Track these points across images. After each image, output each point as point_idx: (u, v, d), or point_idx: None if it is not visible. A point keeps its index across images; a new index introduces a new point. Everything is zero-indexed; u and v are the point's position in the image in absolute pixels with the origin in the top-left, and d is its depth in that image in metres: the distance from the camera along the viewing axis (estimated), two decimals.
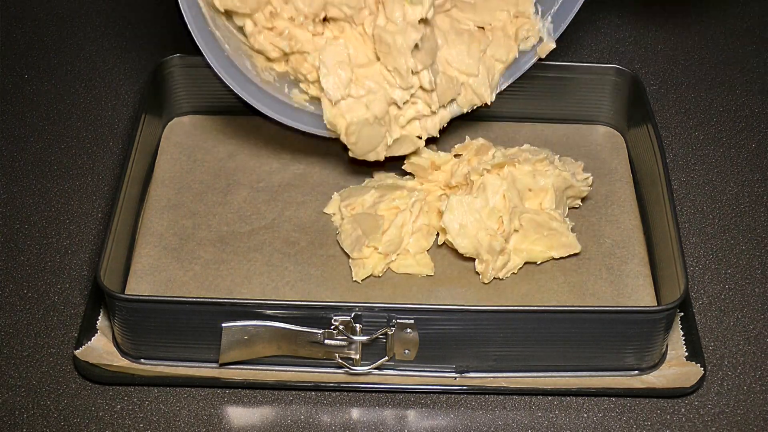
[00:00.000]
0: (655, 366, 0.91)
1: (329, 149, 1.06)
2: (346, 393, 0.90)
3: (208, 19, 0.92)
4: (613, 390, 0.89)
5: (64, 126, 1.15)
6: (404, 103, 0.95)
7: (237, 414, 0.89)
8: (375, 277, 0.95)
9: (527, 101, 1.08)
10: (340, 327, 0.85)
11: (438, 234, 0.98)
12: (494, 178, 0.95)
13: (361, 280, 0.95)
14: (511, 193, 0.95)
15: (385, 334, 0.86)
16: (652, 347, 0.89)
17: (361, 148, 0.95)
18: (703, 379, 0.89)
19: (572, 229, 0.98)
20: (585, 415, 0.89)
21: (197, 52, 0.95)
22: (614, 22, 1.31)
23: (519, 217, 0.95)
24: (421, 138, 0.98)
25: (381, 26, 0.91)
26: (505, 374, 0.90)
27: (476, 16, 0.98)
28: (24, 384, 0.90)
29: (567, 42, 1.27)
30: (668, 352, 0.92)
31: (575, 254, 0.97)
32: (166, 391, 0.90)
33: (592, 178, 1.01)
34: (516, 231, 0.95)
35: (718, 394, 0.91)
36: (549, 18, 1.00)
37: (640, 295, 0.95)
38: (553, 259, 0.97)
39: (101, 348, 0.91)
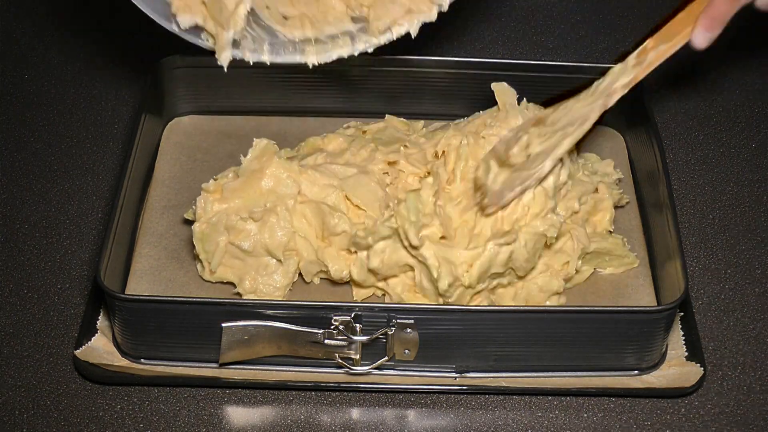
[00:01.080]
0: (655, 366, 0.91)
1: None
2: (346, 393, 0.90)
3: None
4: (613, 390, 0.89)
5: (64, 126, 1.15)
6: None
7: (237, 414, 0.89)
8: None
9: (527, 101, 1.08)
10: (340, 327, 0.85)
11: None
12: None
13: (361, 300, 0.95)
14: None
15: (385, 334, 0.86)
16: (652, 347, 0.89)
17: None
18: (703, 379, 0.89)
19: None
20: (585, 415, 0.89)
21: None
22: (614, 22, 1.31)
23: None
24: None
25: None
26: (505, 374, 0.90)
27: None
28: (24, 384, 0.90)
29: (567, 42, 1.28)
30: (668, 352, 0.92)
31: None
32: (166, 391, 0.90)
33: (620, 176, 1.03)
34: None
35: (718, 394, 0.91)
36: None
37: (640, 295, 0.95)
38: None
39: (101, 348, 0.91)
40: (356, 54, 0.95)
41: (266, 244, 0.92)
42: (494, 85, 0.99)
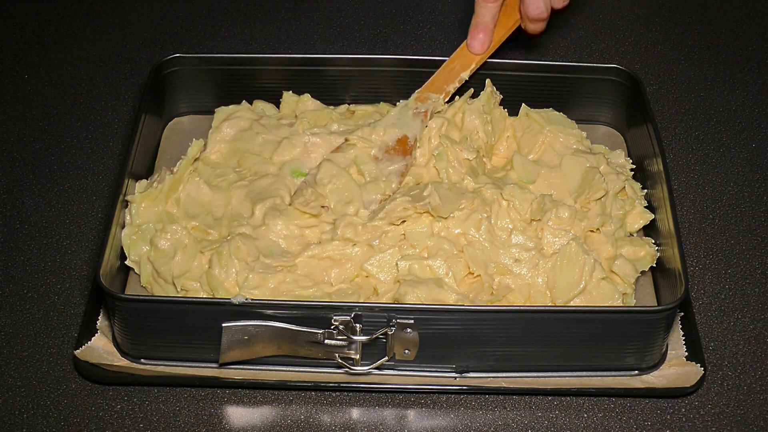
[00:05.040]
0: (655, 366, 0.91)
1: None
2: (346, 393, 0.90)
3: None
4: (613, 390, 0.89)
5: (64, 126, 1.15)
6: None
7: (237, 414, 0.89)
8: None
9: (528, 102, 1.08)
10: (340, 327, 0.85)
11: None
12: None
13: None
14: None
15: (385, 334, 0.86)
16: (652, 347, 0.89)
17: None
18: (703, 379, 0.89)
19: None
20: (585, 415, 0.89)
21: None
22: (614, 22, 1.31)
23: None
24: None
25: None
26: (505, 374, 0.90)
27: None
28: (24, 384, 0.90)
29: (567, 42, 1.28)
30: (668, 352, 0.92)
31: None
32: (166, 391, 0.90)
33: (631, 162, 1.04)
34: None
35: (718, 394, 0.91)
36: None
37: (640, 295, 0.95)
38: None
39: (101, 348, 0.91)
40: None
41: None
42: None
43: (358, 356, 0.87)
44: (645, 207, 1.00)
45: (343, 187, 0.97)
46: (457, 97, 1.05)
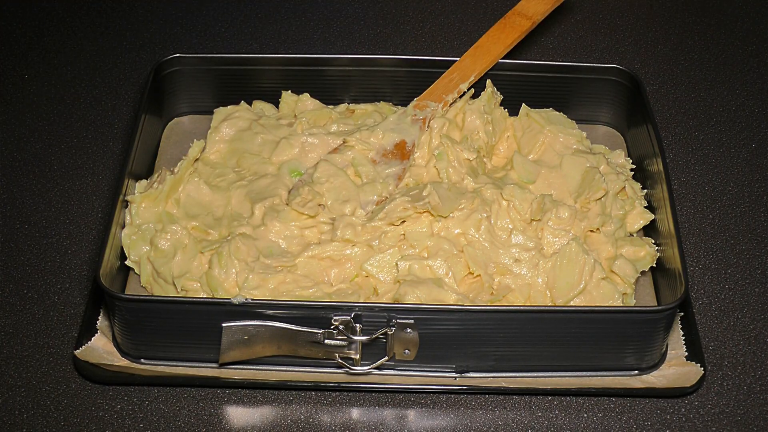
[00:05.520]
0: (655, 366, 0.91)
1: None
2: (346, 393, 0.90)
3: None
4: (613, 390, 0.89)
5: (64, 126, 1.15)
6: None
7: (237, 414, 0.89)
8: None
9: (528, 102, 1.08)
10: (340, 327, 0.85)
11: None
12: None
13: None
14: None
15: (385, 334, 0.86)
16: (652, 347, 0.89)
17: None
18: (703, 379, 0.89)
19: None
20: (585, 415, 0.89)
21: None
22: (614, 22, 1.31)
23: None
24: None
25: None
26: (505, 374, 0.90)
27: None
28: (24, 384, 0.90)
29: (567, 42, 1.28)
30: (668, 352, 0.92)
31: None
32: (166, 391, 0.90)
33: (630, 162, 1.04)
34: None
35: (718, 394, 0.91)
36: None
37: (640, 295, 0.95)
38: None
39: (101, 348, 0.91)
40: None
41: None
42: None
43: (358, 356, 0.87)
44: (645, 207, 1.00)
45: (340, 185, 0.97)
46: (457, 99, 1.05)
